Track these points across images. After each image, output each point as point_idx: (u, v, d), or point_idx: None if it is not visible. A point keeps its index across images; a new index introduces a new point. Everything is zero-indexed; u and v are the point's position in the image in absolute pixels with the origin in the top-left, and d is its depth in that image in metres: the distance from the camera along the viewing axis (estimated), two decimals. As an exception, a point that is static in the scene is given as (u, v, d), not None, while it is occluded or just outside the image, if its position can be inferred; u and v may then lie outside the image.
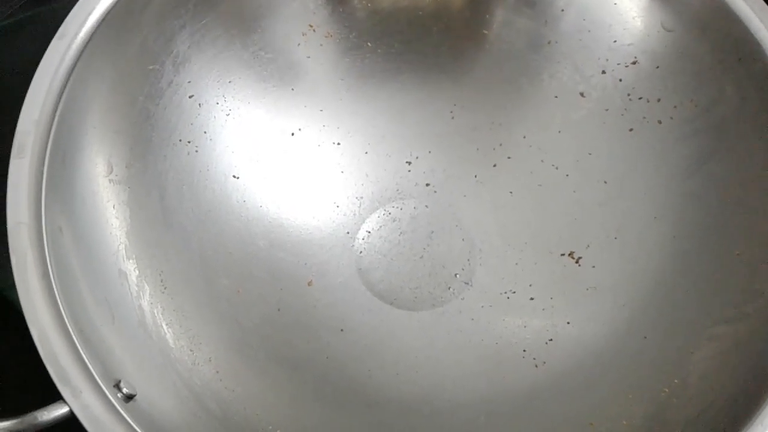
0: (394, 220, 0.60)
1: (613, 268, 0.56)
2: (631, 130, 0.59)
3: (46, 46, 0.47)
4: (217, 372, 0.49)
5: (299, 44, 0.61)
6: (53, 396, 0.39)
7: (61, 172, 0.45)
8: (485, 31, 0.62)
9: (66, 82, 0.46)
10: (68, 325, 0.40)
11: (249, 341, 0.53)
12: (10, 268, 0.41)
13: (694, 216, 0.55)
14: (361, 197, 0.61)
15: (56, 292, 0.41)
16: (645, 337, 0.53)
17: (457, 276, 0.58)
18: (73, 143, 0.47)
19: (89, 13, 0.48)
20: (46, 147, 0.45)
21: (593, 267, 0.57)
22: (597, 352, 0.53)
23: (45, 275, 0.41)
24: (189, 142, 0.56)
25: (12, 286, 0.40)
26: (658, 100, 0.58)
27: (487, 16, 0.62)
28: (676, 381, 0.49)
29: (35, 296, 0.40)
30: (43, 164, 0.44)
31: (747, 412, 0.42)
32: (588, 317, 0.56)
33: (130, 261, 0.49)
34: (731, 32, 0.53)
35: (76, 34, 0.48)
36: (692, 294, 0.52)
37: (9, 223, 0.42)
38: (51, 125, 0.45)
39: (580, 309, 0.56)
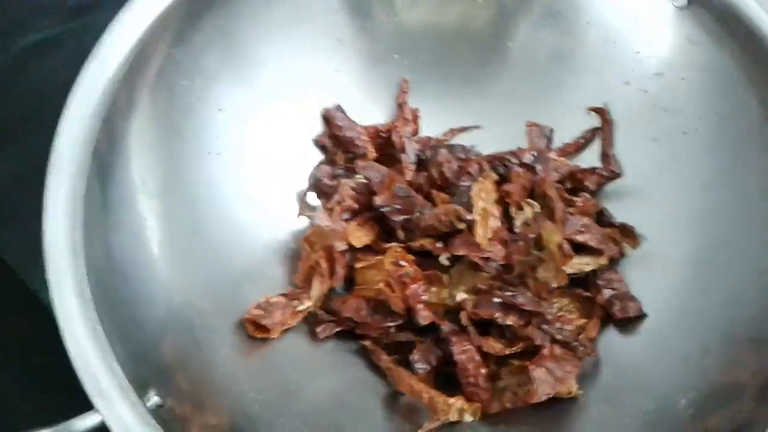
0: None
1: (633, 279, 0.57)
2: (654, 140, 0.60)
3: (83, 60, 0.49)
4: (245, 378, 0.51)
5: (327, 58, 0.62)
6: (85, 398, 0.41)
7: (97, 188, 0.47)
8: (510, 44, 0.63)
9: (102, 100, 0.48)
10: (103, 336, 0.42)
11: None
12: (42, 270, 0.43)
13: (716, 228, 0.55)
14: (388, 207, 0.62)
15: (91, 306, 0.43)
16: (664, 347, 0.53)
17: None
18: (108, 160, 0.49)
19: (124, 34, 0.50)
20: (83, 164, 0.46)
21: (614, 277, 0.58)
22: (615, 363, 0.54)
23: (81, 288, 0.43)
24: (218, 154, 0.57)
25: (44, 287, 0.43)
26: (683, 112, 0.58)
27: (512, 29, 0.63)
28: (694, 393, 0.49)
29: (71, 310, 0.42)
30: (79, 181, 0.46)
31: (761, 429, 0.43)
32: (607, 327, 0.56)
33: (162, 272, 0.51)
34: (756, 46, 0.53)
35: (112, 54, 0.49)
36: (712, 307, 0.53)
37: (46, 240, 0.44)
38: (87, 143, 0.47)
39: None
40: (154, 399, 0.43)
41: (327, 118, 0.62)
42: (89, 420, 0.40)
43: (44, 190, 0.45)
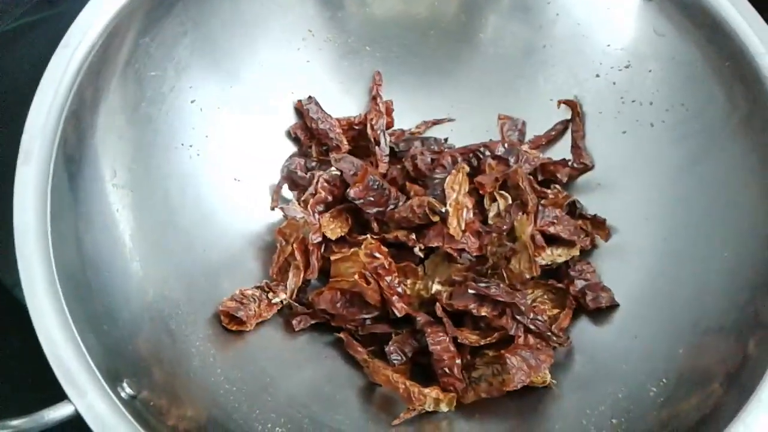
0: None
1: (605, 270, 0.58)
2: (624, 132, 0.60)
3: (54, 49, 0.49)
4: (220, 370, 0.51)
5: (299, 49, 0.62)
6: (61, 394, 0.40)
7: (66, 178, 0.47)
8: (481, 35, 0.63)
9: (70, 89, 0.48)
10: (73, 327, 0.42)
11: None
12: (17, 266, 0.42)
13: (684, 217, 0.56)
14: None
15: (61, 296, 0.42)
16: (635, 337, 0.54)
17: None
18: (77, 149, 0.48)
19: (92, 23, 0.50)
20: (51, 154, 0.46)
21: (585, 267, 0.59)
22: (588, 352, 0.55)
23: (51, 280, 0.42)
24: (191, 146, 0.57)
25: (19, 284, 0.42)
26: (651, 104, 0.59)
27: (482, 20, 0.63)
28: (664, 381, 0.50)
29: (41, 300, 0.42)
30: (48, 171, 0.45)
31: (730, 414, 0.43)
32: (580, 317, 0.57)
33: (135, 263, 0.50)
34: (720, 37, 0.54)
35: (80, 42, 0.49)
36: (681, 295, 0.53)
37: (16, 230, 0.43)
38: (56, 132, 0.46)
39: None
40: (127, 390, 0.42)
41: (300, 110, 0.62)
42: (62, 410, 0.39)
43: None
